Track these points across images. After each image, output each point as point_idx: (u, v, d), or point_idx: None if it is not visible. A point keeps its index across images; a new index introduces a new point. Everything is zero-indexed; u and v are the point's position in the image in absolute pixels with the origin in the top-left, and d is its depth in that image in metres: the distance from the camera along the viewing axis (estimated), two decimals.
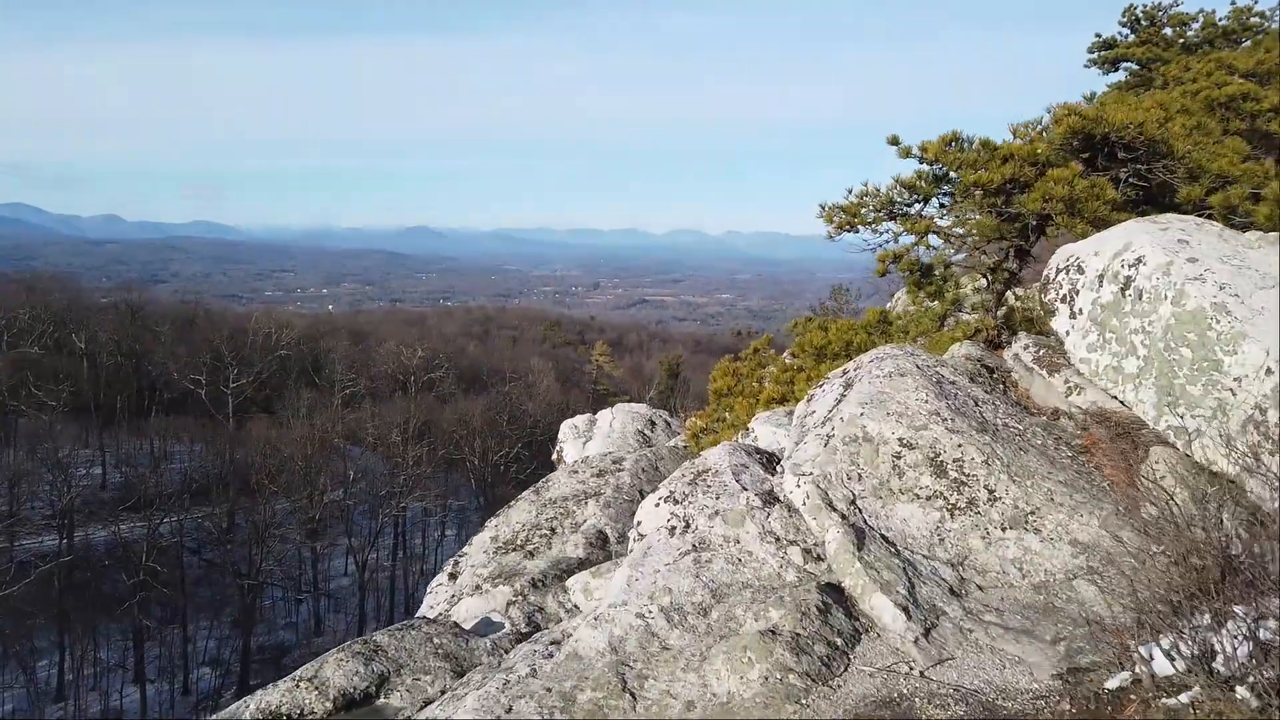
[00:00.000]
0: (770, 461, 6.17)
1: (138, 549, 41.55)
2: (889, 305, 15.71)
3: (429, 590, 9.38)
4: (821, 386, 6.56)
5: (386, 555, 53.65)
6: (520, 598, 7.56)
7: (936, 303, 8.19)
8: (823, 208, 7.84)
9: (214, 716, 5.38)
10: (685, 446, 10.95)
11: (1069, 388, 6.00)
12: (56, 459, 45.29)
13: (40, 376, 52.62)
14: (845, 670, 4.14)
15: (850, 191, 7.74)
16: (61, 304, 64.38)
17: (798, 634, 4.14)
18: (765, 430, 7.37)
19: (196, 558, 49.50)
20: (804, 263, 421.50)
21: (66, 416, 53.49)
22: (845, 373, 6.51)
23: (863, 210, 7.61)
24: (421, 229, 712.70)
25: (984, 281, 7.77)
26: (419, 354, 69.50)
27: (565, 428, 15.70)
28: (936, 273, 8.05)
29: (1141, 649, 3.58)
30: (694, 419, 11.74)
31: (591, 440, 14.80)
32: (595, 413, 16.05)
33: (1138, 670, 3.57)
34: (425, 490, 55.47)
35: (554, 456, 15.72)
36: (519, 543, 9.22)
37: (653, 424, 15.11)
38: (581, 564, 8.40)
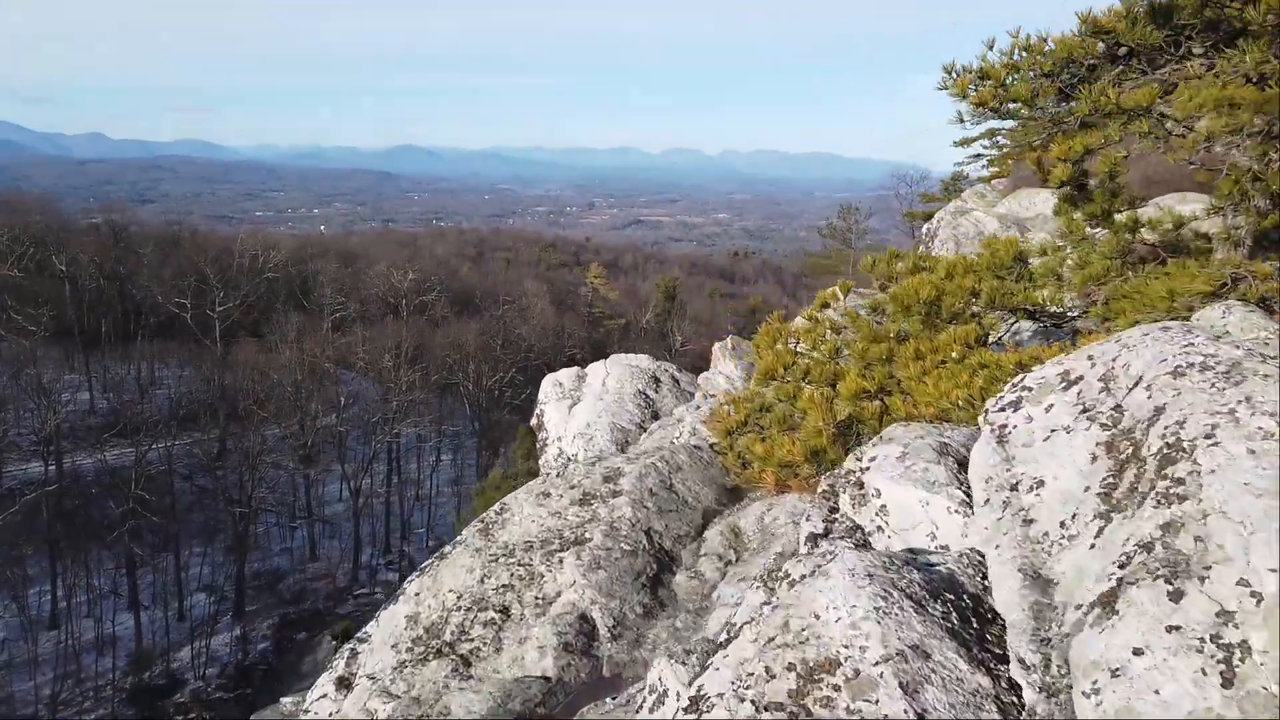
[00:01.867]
0: (960, 607, 2.85)
1: (127, 476, 40.85)
2: (927, 229, 13.69)
3: (307, 704, 6.08)
4: (1017, 411, 3.37)
5: (381, 481, 53.13)
6: None
7: (1106, 230, 5.14)
8: (950, 73, 5.10)
9: None
10: (713, 445, 7.00)
11: None
12: (40, 384, 44.23)
13: (20, 300, 51.16)
14: None
15: (991, 46, 4.97)
16: (41, 225, 62.36)
17: None
18: (905, 495, 3.79)
19: (189, 484, 48.91)
20: (802, 182, 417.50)
21: (49, 341, 52.22)
22: (1068, 380, 3.32)
23: (1012, 79, 4.85)
24: (412, 148, 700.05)
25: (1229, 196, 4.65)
26: (410, 276, 67.88)
27: (548, 385, 13.24)
28: (1095, 182, 5.10)
29: None
30: (724, 405, 7.36)
31: (580, 403, 12.35)
32: (585, 364, 13.87)
33: None
34: (419, 416, 54.68)
35: (533, 421, 13.22)
36: (449, 636, 5.53)
37: (657, 382, 12.56)
38: (550, 693, 4.96)
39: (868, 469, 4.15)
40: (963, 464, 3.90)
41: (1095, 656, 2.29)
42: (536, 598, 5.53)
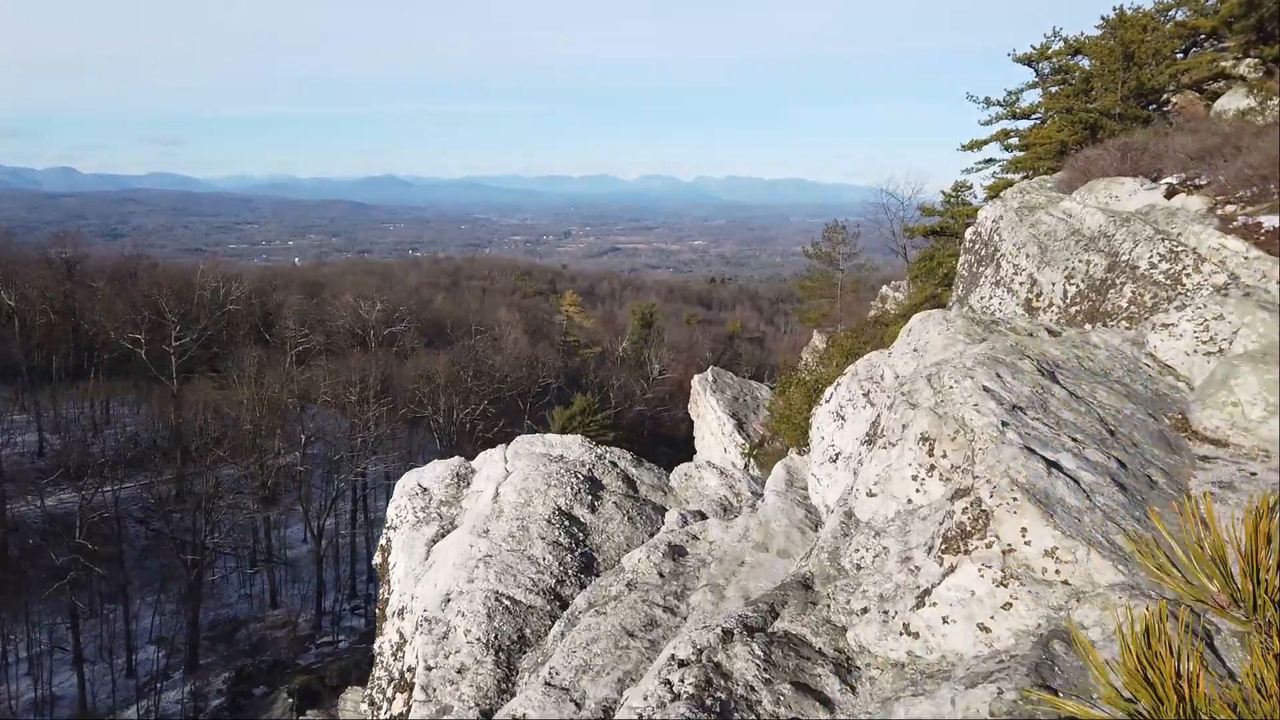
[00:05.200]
0: None
1: (71, 522, 38.41)
2: (973, 235, 11.50)
3: None
4: None
5: (346, 521, 50.85)
6: None
7: None
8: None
9: None
10: None
11: None
12: None
13: None
14: None
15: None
16: None
17: None
18: None
19: (143, 528, 46.43)
20: (777, 208, 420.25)
21: None
22: None
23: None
24: (387, 178, 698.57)
25: None
26: (378, 306, 65.87)
27: (401, 496, 8.14)
28: None
29: None
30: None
31: (451, 534, 7.20)
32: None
33: None
34: (386, 452, 52.50)
35: (376, 559, 8.58)
36: None
37: (596, 489, 7.16)
38: None
39: None
40: None
41: None
42: None
